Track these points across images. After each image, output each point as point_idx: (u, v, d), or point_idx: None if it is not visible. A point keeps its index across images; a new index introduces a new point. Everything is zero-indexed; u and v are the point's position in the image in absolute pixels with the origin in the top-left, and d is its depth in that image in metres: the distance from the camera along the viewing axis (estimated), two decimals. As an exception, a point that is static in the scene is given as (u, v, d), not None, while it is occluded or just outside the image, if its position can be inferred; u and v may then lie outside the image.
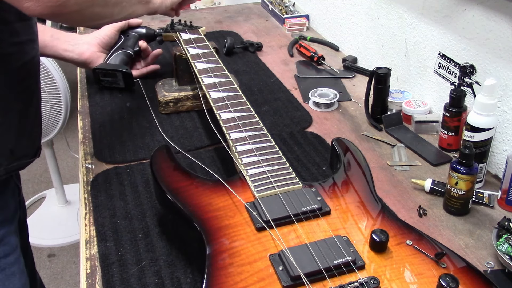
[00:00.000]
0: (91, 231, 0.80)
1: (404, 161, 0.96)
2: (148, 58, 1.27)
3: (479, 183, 0.89)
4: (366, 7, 1.31)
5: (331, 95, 1.16)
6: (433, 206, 0.84)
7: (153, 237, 0.77)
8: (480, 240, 0.77)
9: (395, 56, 1.22)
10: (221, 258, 0.62)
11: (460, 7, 0.97)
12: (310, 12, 1.64)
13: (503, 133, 0.91)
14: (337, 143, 0.84)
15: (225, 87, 0.92)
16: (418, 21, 1.11)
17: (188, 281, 0.70)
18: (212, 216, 0.68)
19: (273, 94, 1.20)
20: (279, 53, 1.44)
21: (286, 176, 0.74)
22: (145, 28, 1.29)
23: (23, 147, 0.88)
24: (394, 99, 1.13)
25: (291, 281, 0.58)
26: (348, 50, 1.43)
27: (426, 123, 1.05)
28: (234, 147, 0.79)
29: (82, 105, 1.16)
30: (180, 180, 0.75)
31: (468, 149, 0.78)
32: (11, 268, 0.89)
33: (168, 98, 1.09)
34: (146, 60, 1.27)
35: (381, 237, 0.63)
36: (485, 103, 0.82)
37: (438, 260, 0.62)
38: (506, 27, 0.87)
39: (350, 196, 0.73)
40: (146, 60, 1.27)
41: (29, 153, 0.90)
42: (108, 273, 0.71)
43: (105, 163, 0.95)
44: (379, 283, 0.59)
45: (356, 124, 1.09)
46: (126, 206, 0.84)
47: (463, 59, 0.98)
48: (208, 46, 1.06)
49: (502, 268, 0.72)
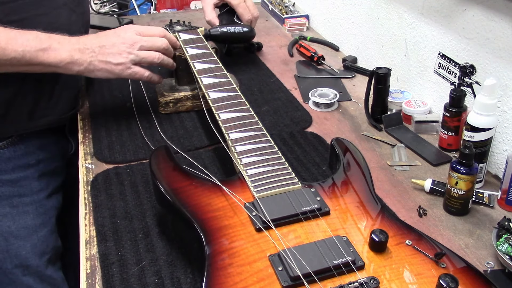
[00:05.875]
0: (91, 231, 0.80)
1: (404, 161, 0.96)
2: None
3: (479, 183, 0.89)
4: (366, 7, 1.31)
5: (331, 95, 1.16)
6: (433, 206, 0.84)
7: (153, 237, 0.77)
8: (480, 240, 0.77)
9: (395, 56, 1.22)
10: (220, 258, 0.62)
11: (460, 7, 0.97)
12: (310, 12, 1.64)
13: (503, 133, 0.91)
14: (336, 143, 0.84)
15: (224, 87, 0.92)
16: (418, 21, 1.11)
17: (188, 281, 0.70)
18: (211, 216, 0.68)
19: (273, 94, 1.20)
20: (279, 53, 1.44)
21: (286, 176, 0.74)
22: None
23: (43, 109, 1.02)
24: (394, 99, 1.13)
25: (291, 282, 0.58)
26: (348, 50, 1.43)
27: (426, 123, 1.05)
28: (233, 147, 0.79)
29: (82, 105, 1.17)
30: (179, 180, 0.75)
31: (468, 149, 0.78)
32: (25, 207, 1.04)
33: (168, 98, 1.09)
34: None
35: (381, 237, 0.63)
36: (485, 103, 0.82)
37: (438, 260, 0.62)
38: (506, 27, 0.87)
39: (349, 196, 0.73)
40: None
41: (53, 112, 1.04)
42: (108, 273, 0.71)
43: (105, 163, 0.95)
44: (379, 283, 0.59)
45: (356, 124, 1.09)
46: (126, 206, 0.84)
47: (463, 59, 0.98)
48: (207, 46, 1.06)
49: (502, 268, 0.72)
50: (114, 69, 0.94)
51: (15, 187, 1.02)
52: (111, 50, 0.94)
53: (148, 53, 0.97)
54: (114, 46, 0.94)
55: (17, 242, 1.03)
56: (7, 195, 1.02)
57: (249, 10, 1.30)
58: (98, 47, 0.94)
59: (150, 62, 0.98)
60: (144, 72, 0.98)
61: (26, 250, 1.03)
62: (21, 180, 1.03)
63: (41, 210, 1.05)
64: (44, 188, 1.07)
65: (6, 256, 1.03)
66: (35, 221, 1.04)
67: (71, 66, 0.91)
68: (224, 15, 1.33)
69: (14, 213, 1.02)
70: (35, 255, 1.04)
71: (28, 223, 1.03)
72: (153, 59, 0.98)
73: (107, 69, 0.94)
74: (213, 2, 1.32)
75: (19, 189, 1.03)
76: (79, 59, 0.92)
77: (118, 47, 0.94)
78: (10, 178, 1.02)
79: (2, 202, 1.02)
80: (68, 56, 0.90)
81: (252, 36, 1.32)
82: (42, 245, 1.05)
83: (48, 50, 0.89)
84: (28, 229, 1.03)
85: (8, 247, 1.02)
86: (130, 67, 0.95)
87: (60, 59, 0.90)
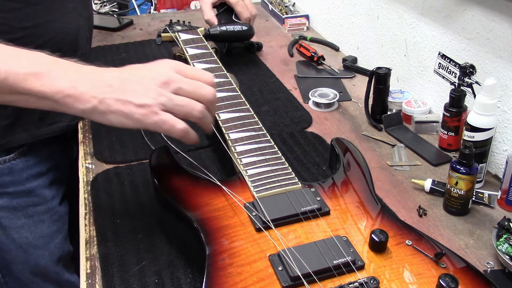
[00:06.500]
0: (91, 231, 0.80)
1: (404, 161, 0.96)
2: None
3: (479, 183, 0.89)
4: (366, 7, 1.31)
5: (331, 95, 1.16)
6: (433, 206, 0.84)
7: (153, 237, 0.77)
8: (480, 240, 0.77)
9: (395, 56, 1.22)
10: (220, 258, 0.62)
11: (460, 7, 0.97)
12: (310, 12, 1.64)
13: (503, 133, 0.91)
14: (336, 143, 0.84)
15: (224, 87, 0.92)
16: (418, 21, 1.11)
17: (188, 281, 0.70)
18: (211, 216, 0.68)
19: (273, 94, 1.20)
20: (279, 53, 1.44)
21: (286, 176, 0.74)
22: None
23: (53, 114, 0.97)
24: (394, 99, 1.13)
25: (291, 282, 0.58)
26: (348, 50, 1.43)
27: (426, 123, 1.05)
28: (233, 147, 0.79)
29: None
30: (179, 180, 0.75)
31: (468, 149, 0.78)
32: (40, 216, 1.02)
33: (168, 98, 1.09)
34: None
35: (381, 237, 0.63)
36: (485, 103, 0.82)
37: (438, 260, 0.62)
38: (506, 27, 0.87)
39: (349, 196, 0.73)
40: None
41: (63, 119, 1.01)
42: (108, 273, 0.71)
43: (105, 163, 0.95)
44: (379, 283, 0.59)
45: (356, 124, 1.09)
46: (126, 206, 0.84)
47: (463, 59, 0.98)
48: (207, 46, 1.06)
49: (502, 268, 0.72)
50: (134, 112, 0.65)
51: (29, 197, 1.02)
52: (135, 87, 0.66)
53: (186, 100, 0.68)
54: (140, 82, 0.67)
55: (35, 252, 1.03)
56: (22, 206, 1.01)
57: (247, 9, 1.30)
58: (118, 80, 0.67)
59: (186, 115, 0.68)
60: (176, 123, 0.67)
61: (45, 258, 1.04)
62: (35, 190, 1.02)
63: (55, 217, 1.05)
64: (56, 195, 1.06)
65: (26, 267, 1.03)
66: (50, 228, 1.04)
67: (73, 102, 0.64)
68: (222, 14, 1.33)
69: (31, 223, 1.02)
70: (53, 262, 1.05)
71: (45, 232, 1.04)
72: (192, 111, 0.68)
73: (124, 111, 0.65)
74: (211, 1, 1.32)
75: (33, 198, 1.02)
76: (86, 93, 0.64)
77: (146, 84, 0.67)
78: (25, 188, 1.01)
79: (18, 214, 1.01)
80: (69, 86, 0.64)
81: (252, 34, 1.32)
82: (58, 251, 1.06)
83: (43, 75, 0.63)
84: (45, 238, 1.04)
85: (28, 258, 1.03)
86: (157, 112, 0.65)
87: (57, 89, 0.64)
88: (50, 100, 0.64)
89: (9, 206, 1.00)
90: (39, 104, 0.65)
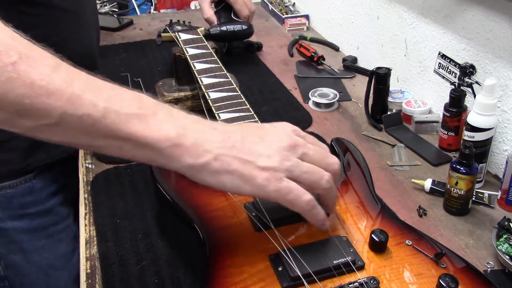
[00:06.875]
0: (91, 231, 0.80)
1: (404, 161, 0.96)
2: None
3: (479, 183, 0.89)
4: (366, 7, 1.31)
5: (331, 95, 1.16)
6: (433, 206, 0.84)
7: (153, 237, 0.77)
8: (480, 240, 0.77)
9: (395, 56, 1.22)
10: (220, 258, 0.62)
11: (460, 7, 0.97)
12: (310, 12, 1.64)
13: (503, 133, 0.91)
14: (336, 143, 0.84)
15: (224, 87, 0.92)
16: (418, 21, 1.11)
17: (188, 281, 0.70)
18: (211, 216, 0.68)
19: (273, 94, 1.20)
20: (279, 53, 1.44)
21: (286, 176, 0.74)
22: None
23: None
24: (394, 99, 1.13)
25: (291, 282, 0.58)
26: (348, 50, 1.43)
27: (426, 123, 1.05)
28: (234, 147, 0.79)
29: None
30: (179, 180, 0.75)
31: (468, 149, 0.78)
32: (59, 235, 1.02)
33: (168, 98, 1.09)
34: None
35: (381, 237, 0.63)
36: (485, 103, 0.82)
37: (438, 260, 0.62)
38: (506, 27, 0.87)
39: (349, 196, 0.73)
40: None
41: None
42: (108, 273, 0.71)
43: (105, 163, 0.95)
44: (379, 283, 0.59)
45: (356, 124, 1.09)
46: (126, 206, 0.84)
47: (463, 59, 0.98)
48: (207, 46, 1.06)
49: (502, 268, 0.72)
50: (256, 176, 0.56)
51: (49, 216, 1.01)
52: (258, 147, 0.58)
53: (315, 168, 0.60)
54: (264, 142, 0.58)
55: (55, 273, 1.03)
56: (43, 226, 1.00)
57: (246, 6, 1.31)
58: (237, 136, 0.58)
59: (313, 184, 0.59)
60: (303, 194, 0.58)
61: (64, 279, 1.04)
62: (53, 208, 1.02)
63: (71, 235, 1.05)
64: (71, 213, 1.06)
65: None
66: (68, 248, 1.04)
67: (181, 154, 0.55)
68: (221, 11, 1.34)
69: (50, 243, 1.02)
70: (71, 282, 1.05)
71: (63, 251, 1.03)
72: (321, 180, 0.59)
73: (243, 173, 0.56)
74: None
75: (52, 217, 1.02)
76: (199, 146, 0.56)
77: (270, 145, 0.58)
78: (45, 208, 1.00)
79: (38, 234, 1.00)
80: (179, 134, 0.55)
81: (251, 33, 1.32)
82: (75, 270, 1.04)
83: (148, 118, 0.54)
84: (64, 258, 1.04)
85: (48, 280, 1.02)
86: (282, 178, 0.57)
87: (164, 136, 0.54)
88: (151, 149, 0.55)
89: (29, 227, 0.98)
90: (135, 152, 0.55)
